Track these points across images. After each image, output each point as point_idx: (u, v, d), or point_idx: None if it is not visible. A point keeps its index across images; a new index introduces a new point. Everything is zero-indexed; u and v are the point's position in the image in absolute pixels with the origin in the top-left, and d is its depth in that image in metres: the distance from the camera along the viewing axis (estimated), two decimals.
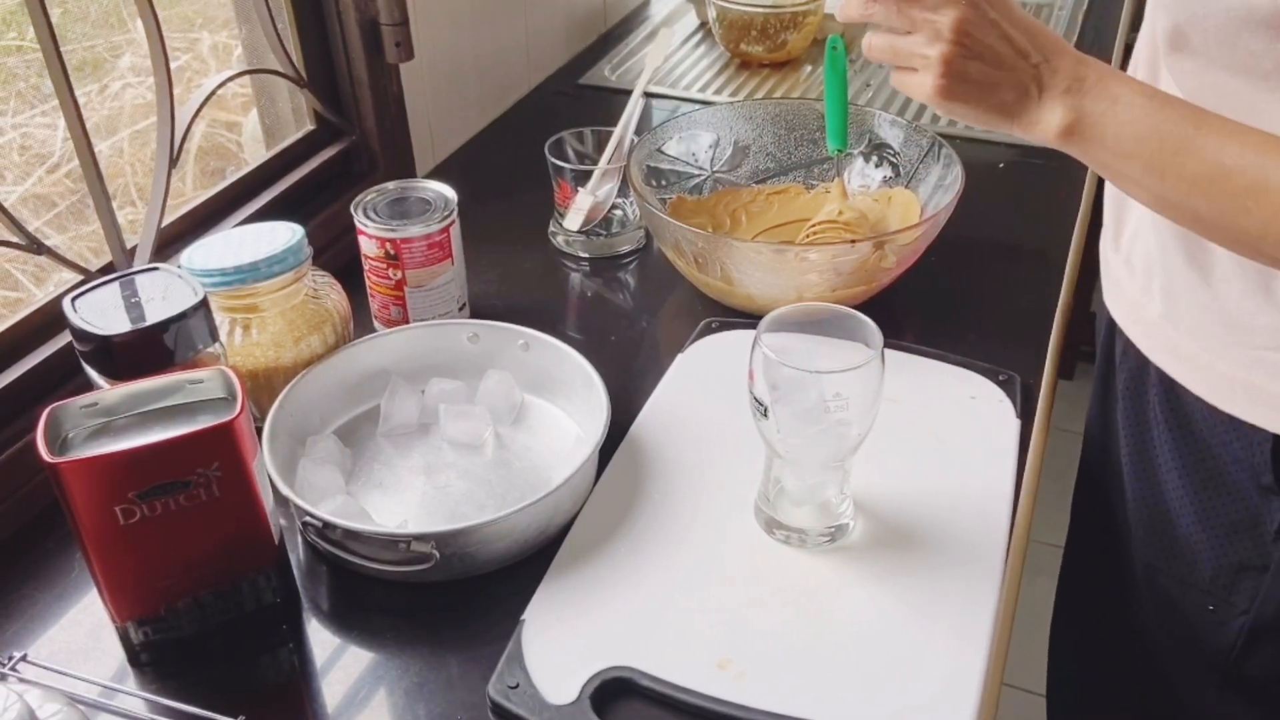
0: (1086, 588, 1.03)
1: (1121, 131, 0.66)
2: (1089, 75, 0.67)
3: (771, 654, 0.69)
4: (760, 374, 0.71)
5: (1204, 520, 0.83)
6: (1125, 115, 0.66)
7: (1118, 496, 0.91)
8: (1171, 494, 0.85)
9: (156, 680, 0.70)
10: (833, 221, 1.01)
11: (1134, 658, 0.94)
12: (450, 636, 0.73)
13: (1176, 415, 0.83)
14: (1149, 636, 0.91)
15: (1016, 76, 0.68)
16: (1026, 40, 0.68)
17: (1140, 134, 0.65)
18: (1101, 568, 0.96)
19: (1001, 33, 0.68)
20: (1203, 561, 0.84)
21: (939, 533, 0.77)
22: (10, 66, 1.14)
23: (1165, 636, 0.90)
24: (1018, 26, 0.68)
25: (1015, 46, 0.68)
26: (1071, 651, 1.07)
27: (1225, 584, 0.83)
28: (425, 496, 0.83)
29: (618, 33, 1.65)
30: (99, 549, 0.66)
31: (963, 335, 0.97)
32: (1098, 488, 0.95)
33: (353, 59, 1.13)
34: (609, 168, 1.08)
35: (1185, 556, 0.85)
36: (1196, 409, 0.80)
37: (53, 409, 0.65)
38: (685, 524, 0.78)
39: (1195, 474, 0.82)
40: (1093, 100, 0.67)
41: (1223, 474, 0.80)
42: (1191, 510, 0.83)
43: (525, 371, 0.90)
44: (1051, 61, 0.68)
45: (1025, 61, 0.68)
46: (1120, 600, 0.93)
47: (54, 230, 1.13)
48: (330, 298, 0.90)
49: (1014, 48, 0.68)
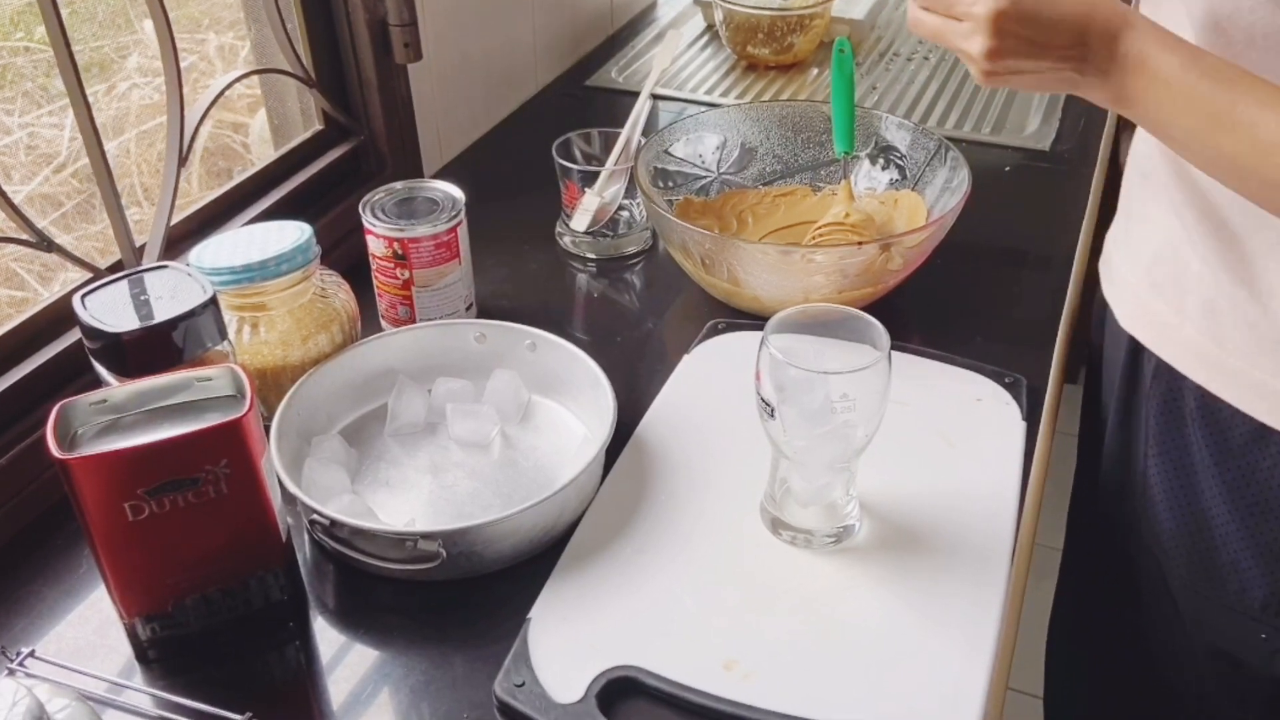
0: (1100, 605, 1.00)
1: (1162, 105, 0.67)
2: (1129, 51, 0.67)
3: (777, 655, 0.69)
4: (767, 375, 0.71)
5: (1253, 545, 0.80)
6: (1163, 92, 0.67)
7: (1142, 514, 0.88)
8: (1216, 517, 0.82)
9: (164, 677, 0.70)
10: (839, 223, 1.01)
11: (1161, 680, 0.92)
12: (456, 635, 0.73)
13: (1219, 435, 0.80)
14: (1184, 660, 0.88)
15: (1056, 65, 0.70)
16: (1064, 28, 0.69)
17: (1179, 109, 0.66)
18: (1117, 585, 0.94)
19: (1039, 22, 0.69)
20: (1252, 588, 0.81)
21: (944, 535, 0.77)
22: (18, 66, 1.14)
23: (1204, 660, 0.87)
24: (1055, 8, 0.69)
25: (1053, 34, 0.69)
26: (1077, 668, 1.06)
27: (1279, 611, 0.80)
28: (432, 495, 0.83)
29: (625, 34, 1.65)
30: (107, 545, 0.66)
31: (969, 337, 0.97)
32: (1114, 504, 0.92)
33: (361, 59, 1.13)
34: (616, 169, 1.08)
35: (1231, 582, 0.82)
36: (1243, 429, 0.78)
37: (62, 405, 0.66)
38: (691, 524, 0.78)
39: (1242, 496, 0.79)
40: (1132, 77, 0.68)
41: (1273, 497, 0.78)
42: (1239, 535, 0.80)
43: (532, 371, 0.90)
44: (1090, 44, 0.68)
45: (1064, 50, 0.69)
46: (1143, 621, 0.91)
47: (60, 230, 1.13)
48: (338, 297, 0.90)
49: (1052, 36, 0.69)
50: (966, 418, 0.88)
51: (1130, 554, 0.90)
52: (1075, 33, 0.68)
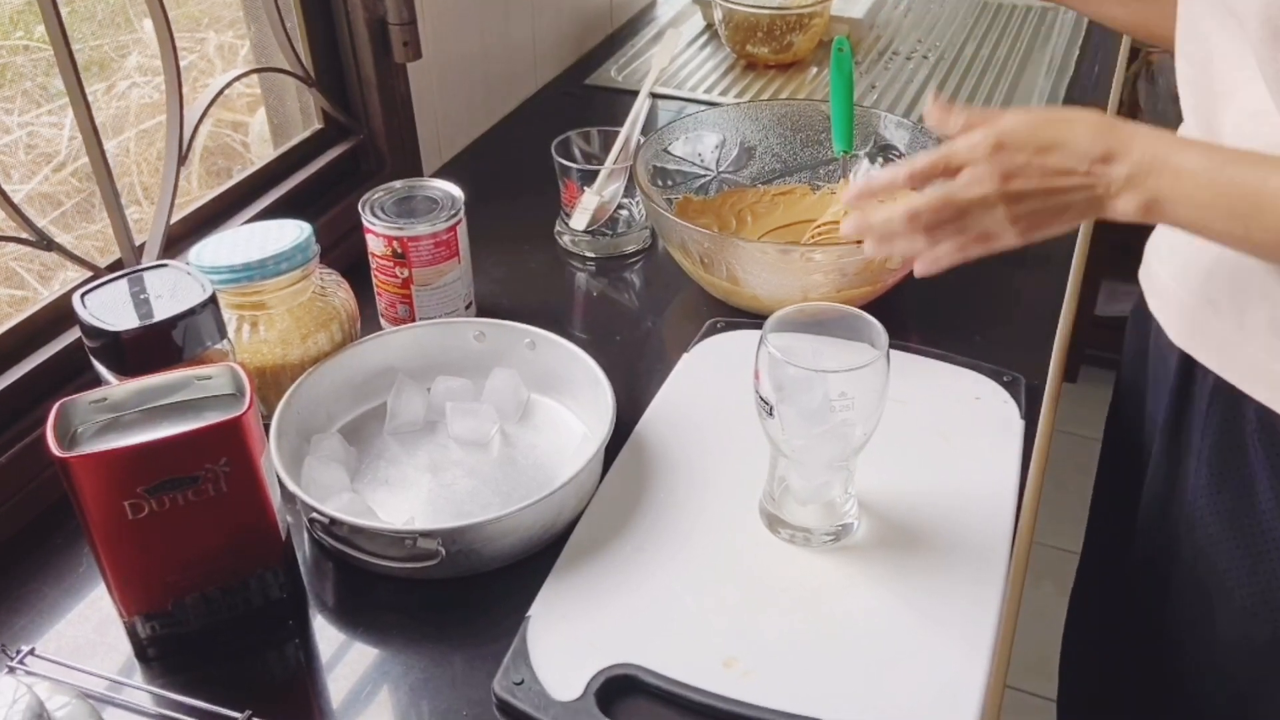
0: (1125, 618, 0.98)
1: (1195, 200, 0.65)
2: (1143, 158, 0.66)
3: (776, 653, 0.69)
4: (766, 373, 0.71)
5: None
6: (1190, 185, 0.65)
7: (1186, 535, 0.85)
8: (1274, 542, 0.79)
9: (163, 675, 0.71)
10: (838, 222, 1.01)
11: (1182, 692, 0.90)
12: (455, 633, 0.73)
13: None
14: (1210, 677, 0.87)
15: (1077, 195, 0.68)
16: (1063, 156, 0.68)
17: (1212, 198, 0.65)
18: (1144, 600, 0.92)
19: (1039, 168, 0.68)
20: None
21: (943, 533, 0.77)
22: (17, 66, 1.14)
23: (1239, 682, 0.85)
24: (1049, 148, 0.68)
25: (1058, 170, 0.68)
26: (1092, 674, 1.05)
27: None
28: (431, 494, 0.83)
29: (624, 33, 1.65)
30: (107, 544, 0.66)
31: (968, 336, 0.97)
32: (1155, 521, 0.90)
33: (361, 58, 1.13)
34: (615, 168, 1.08)
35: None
36: None
37: (62, 404, 0.66)
38: (690, 522, 0.79)
39: None
40: (1156, 180, 0.66)
41: None
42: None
43: (531, 370, 0.91)
44: (1101, 163, 0.67)
45: (1076, 178, 0.68)
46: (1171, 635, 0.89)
47: (60, 229, 1.13)
48: (337, 295, 0.90)
49: (1058, 173, 0.68)
50: (965, 416, 0.88)
51: (1166, 574, 0.88)
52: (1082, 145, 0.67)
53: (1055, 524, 1.90)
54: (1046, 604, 1.65)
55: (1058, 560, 1.94)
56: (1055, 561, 1.90)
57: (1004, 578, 0.74)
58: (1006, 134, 0.69)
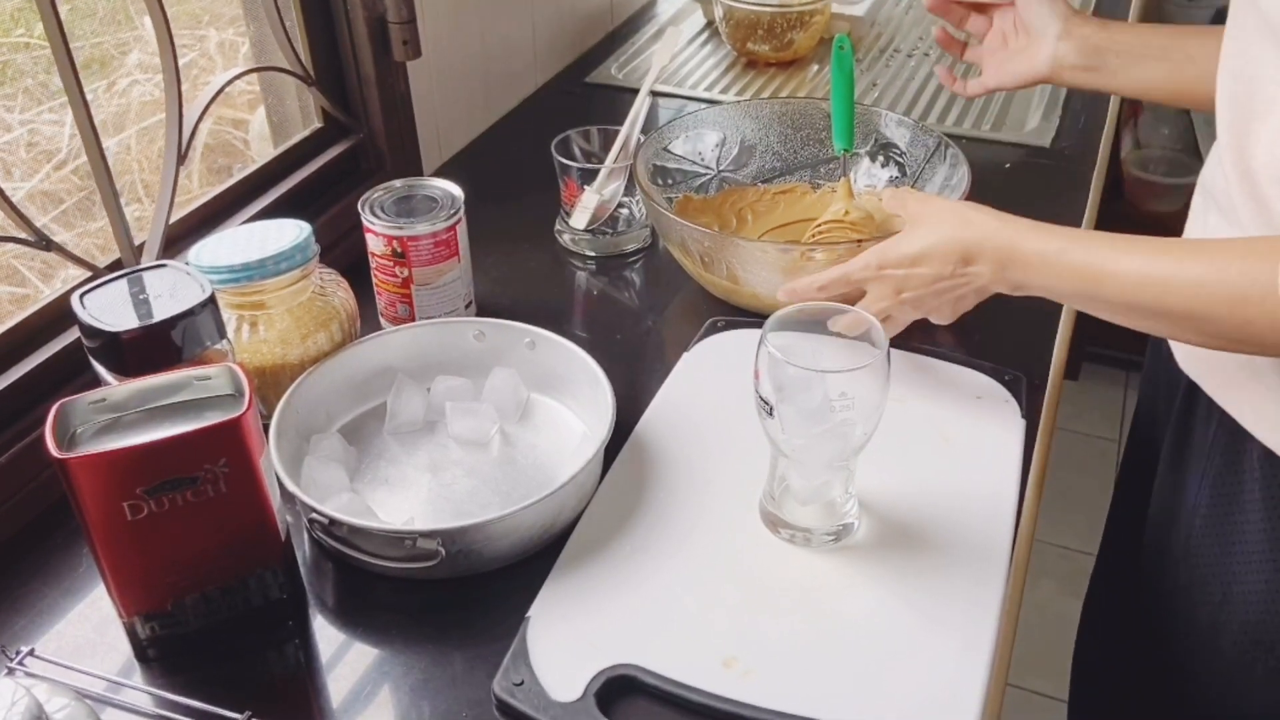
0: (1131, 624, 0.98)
1: (1047, 283, 0.76)
2: (998, 255, 0.77)
3: (776, 653, 0.69)
4: (766, 373, 0.71)
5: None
6: (1040, 271, 0.76)
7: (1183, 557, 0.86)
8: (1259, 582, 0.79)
9: (163, 675, 0.71)
10: (839, 221, 1.01)
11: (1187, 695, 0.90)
12: (455, 633, 0.73)
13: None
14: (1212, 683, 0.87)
15: (960, 289, 0.80)
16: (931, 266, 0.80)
17: (1058, 280, 0.75)
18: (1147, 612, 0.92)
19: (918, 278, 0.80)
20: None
21: (943, 533, 0.77)
22: (18, 63, 1.14)
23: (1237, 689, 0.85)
24: (918, 260, 0.80)
25: (934, 278, 0.80)
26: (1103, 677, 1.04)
27: None
28: (431, 494, 0.83)
29: (624, 31, 1.65)
30: (107, 544, 0.66)
31: (968, 335, 0.97)
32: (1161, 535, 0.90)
33: (360, 57, 1.13)
34: (615, 166, 1.08)
35: None
36: None
37: (61, 404, 0.66)
38: (690, 522, 0.79)
39: None
40: (1013, 272, 0.77)
41: None
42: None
43: (531, 369, 0.90)
44: (964, 265, 0.78)
45: (948, 280, 0.80)
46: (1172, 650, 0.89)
47: (61, 227, 1.13)
48: (337, 295, 0.90)
49: (934, 279, 0.80)
50: (966, 415, 0.88)
51: (1170, 588, 0.88)
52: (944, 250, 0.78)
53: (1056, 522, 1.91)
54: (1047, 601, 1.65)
55: (1057, 558, 1.94)
56: (1055, 560, 1.91)
57: (1004, 578, 0.74)
58: (884, 257, 0.82)
